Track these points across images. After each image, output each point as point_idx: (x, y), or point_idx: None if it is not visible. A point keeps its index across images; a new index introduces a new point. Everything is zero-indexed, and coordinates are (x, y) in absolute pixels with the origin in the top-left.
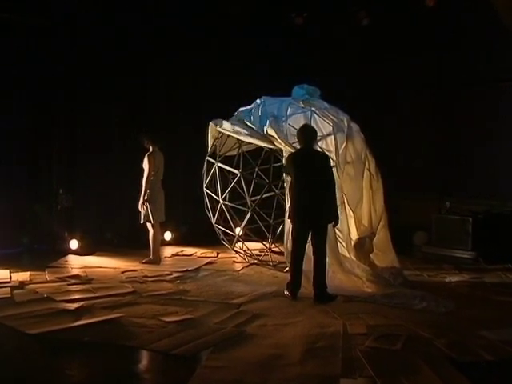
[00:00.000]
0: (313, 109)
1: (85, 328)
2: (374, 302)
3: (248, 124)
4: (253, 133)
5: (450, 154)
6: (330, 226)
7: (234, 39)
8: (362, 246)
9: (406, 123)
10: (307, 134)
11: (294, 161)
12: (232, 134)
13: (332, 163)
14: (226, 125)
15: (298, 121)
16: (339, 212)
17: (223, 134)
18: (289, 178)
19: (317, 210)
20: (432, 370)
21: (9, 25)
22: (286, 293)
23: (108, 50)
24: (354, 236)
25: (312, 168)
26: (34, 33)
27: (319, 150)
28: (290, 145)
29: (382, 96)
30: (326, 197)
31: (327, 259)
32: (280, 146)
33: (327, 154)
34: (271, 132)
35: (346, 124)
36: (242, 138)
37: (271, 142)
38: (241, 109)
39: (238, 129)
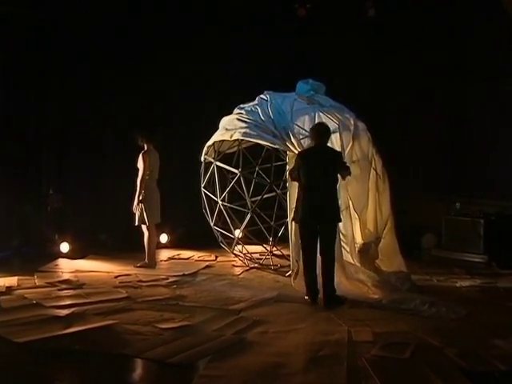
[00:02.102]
0: (317, 106)
1: (76, 336)
2: (381, 308)
3: (254, 122)
4: (262, 134)
5: (461, 152)
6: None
7: (232, 37)
8: (367, 252)
9: (415, 121)
10: (320, 132)
11: (305, 159)
12: (243, 138)
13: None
14: (236, 134)
15: (301, 118)
16: (344, 216)
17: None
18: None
19: (326, 209)
20: (442, 381)
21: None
22: (306, 297)
23: (102, 46)
24: (359, 241)
25: (323, 166)
26: (25, 26)
27: (332, 147)
28: (302, 146)
29: (389, 94)
30: (334, 196)
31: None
32: (291, 147)
33: (340, 151)
34: (289, 132)
35: (352, 122)
36: (253, 140)
37: (283, 140)
38: (242, 105)
39: (248, 132)
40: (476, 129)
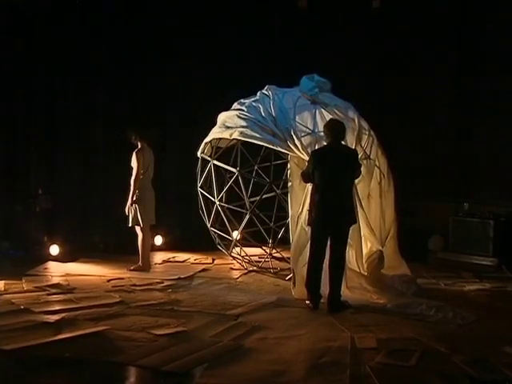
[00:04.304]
0: (319, 105)
1: (66, 342)
2: (385, 313)
3: (255, 120)
4: (264, 134)
5: (469, 151)
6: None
7: (232, 32)
8: (381, 261)
9: (421, 119)
10: (334, 129)
11: (320, 159)
12: (243, 138)
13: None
14: (236, 133)
15: (302, 117)
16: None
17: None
18: (297, 181)
19: (340, 211)
20: None
21: None
22: (307, 302)
23: (93, 43)
24: (371, 246)
25: (339, 166)
26: (13, 23)
27: (347, 145)
28: (306, 149)
29: (395, 92)
30: (350, 197)
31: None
32: (294, 149)
33: (356, 149)
34: (292, 134)
35: (356, 123)
36: (254, 141)
37: (285, 142)
38: (242, 100)
39: (250, 132)
40: (484, 127)
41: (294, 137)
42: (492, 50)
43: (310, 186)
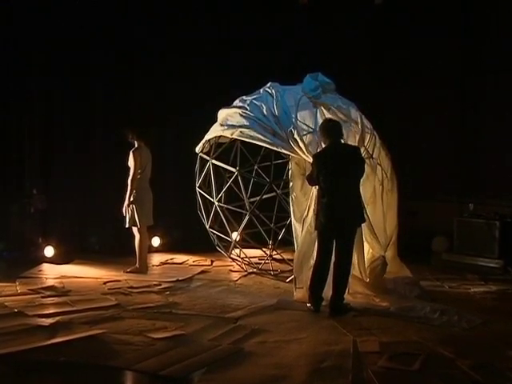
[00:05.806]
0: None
1: (61, 346)
2: (388, 317)
3: (258, 120)
4: (267, 135)
5: (474, 150)
6: None
7: (232, 28)
8: (384, 268)
9: (425, 118)
10: (331, 129)
11: (322, 161)
12: (246, 139)
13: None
14: (237, 132)
15: (304, 115)
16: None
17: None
18: (298, 183)
19: (348, 214)
20: None
21: None
22: (308, 305)
23: (90, 43)
24: (373, 252)
25: (342, 167)
26: (8, 23)
27: (348, 143)
28: (309, 150)
29: (397, 90)
30: (357, 197)
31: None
32: (300, 153)
33: (358, 147)
34: (296, 136)
35: (359, 125)
36: (258, 142)
37: (291, 147)
38: (244, 97)
39: (253, 133)
40: (490, 125)
41: (298, 138)
42: (496, 49)
43: (314, 189)
